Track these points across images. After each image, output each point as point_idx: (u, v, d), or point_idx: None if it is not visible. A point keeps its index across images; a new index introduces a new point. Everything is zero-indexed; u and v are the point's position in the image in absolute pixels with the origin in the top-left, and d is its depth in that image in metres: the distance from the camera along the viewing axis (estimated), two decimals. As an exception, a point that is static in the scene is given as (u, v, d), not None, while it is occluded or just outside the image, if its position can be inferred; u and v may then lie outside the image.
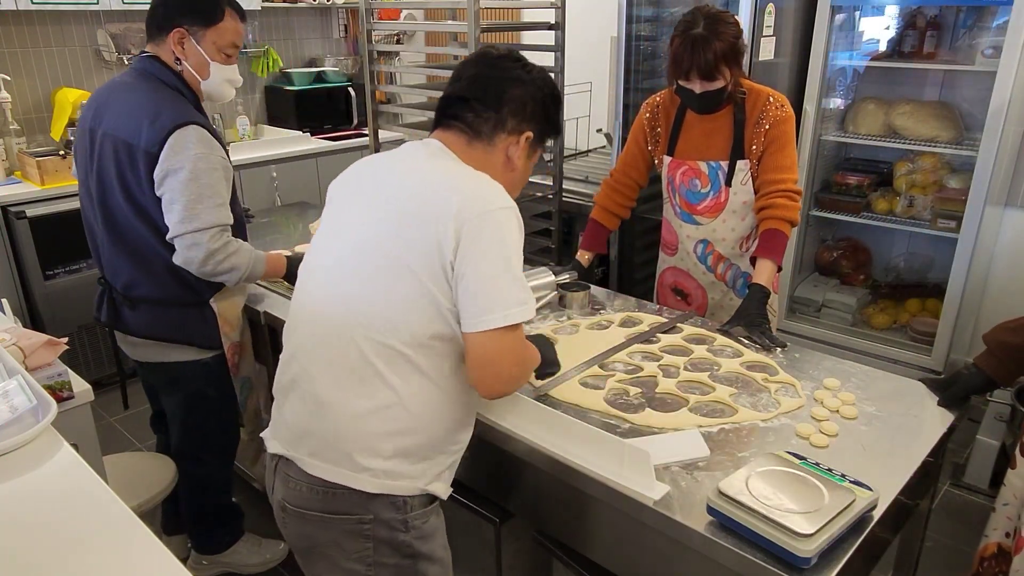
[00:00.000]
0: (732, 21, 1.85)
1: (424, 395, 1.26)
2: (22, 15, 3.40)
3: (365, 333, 1.23)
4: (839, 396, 1.57)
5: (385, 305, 1.22)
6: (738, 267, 2.13)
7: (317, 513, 1.29)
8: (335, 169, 4.52)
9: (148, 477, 2.11)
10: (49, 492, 1.21)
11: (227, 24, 1.79)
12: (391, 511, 1.27)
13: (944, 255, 3.00)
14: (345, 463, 1.25)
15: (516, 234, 1.24)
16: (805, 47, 2.96)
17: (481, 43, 2.76)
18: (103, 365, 3.37)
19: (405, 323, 1.22)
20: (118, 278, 1.89)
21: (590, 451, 1.36)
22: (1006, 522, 1.59)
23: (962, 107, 2.97)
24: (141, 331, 1.92)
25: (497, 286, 1.19)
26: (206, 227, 1.70)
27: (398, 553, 1.30)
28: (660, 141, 2.12)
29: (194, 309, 1.90)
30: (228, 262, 1.75)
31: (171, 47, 1.77)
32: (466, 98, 1.33)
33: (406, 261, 1.21)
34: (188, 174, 1.68)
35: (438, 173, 1.29)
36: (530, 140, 1.37)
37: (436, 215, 1.20)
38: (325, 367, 1.27)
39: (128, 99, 1.78)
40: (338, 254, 1.31)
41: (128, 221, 1.80)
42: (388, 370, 1.23)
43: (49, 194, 3.10)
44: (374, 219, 1.27)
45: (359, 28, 3.76)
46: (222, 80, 1.85)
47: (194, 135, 1.70)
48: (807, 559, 1.09)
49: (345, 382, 1.25)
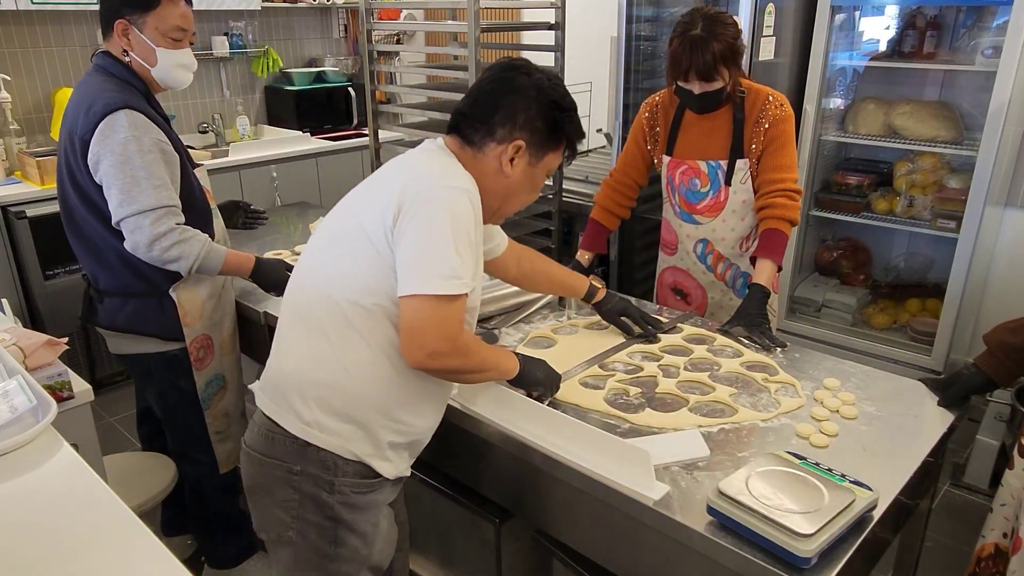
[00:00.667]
0: (730, 22, 1.85)
1: (356, 355, 1.31)
2: (22, 15, 3.40)
3: (316, 285, 1.34)
4: (839, 396, 1.57)
5: (336, 261, 1.33)
6: (738, 267, 2.13)
7: (259, 455, 1.37)
8: (335, 169, 4.52)
9: (148, 477, 2.12)
10: (49, 492, 1.21)
11: (166, 9, 1.79)
12: (318, 468, 1.33)
13: (944, 255, 3.00)
14: (282, 403, 1.35)
15: (460, 214, 1.26)
16: (805, 47, 2.96)
17: (481, 43, 2.77)
18: (103, 365, 3.38)
19: (350, 280, 1.30)
20: (86, 270, 1.94)
21: (590, 451, 1.36)
22: (1004, 522, 1.59)
23: (962, 107, 2.97)
24: (106, 323, 1.94)
25: (425, 256, 1.23)
26: (146, 209, 1.70)
27: (320, 513, 1.35)
28: (659, 141, 2.12)
29: (152, 299, 1.88)
30: (175, 250, 1.74)
31: (117, 40, 1.80)
32: (464, 112, 1.39)
33: (360, 222, 1.31)
34: (118, 157, 1.69)
35: (415, 159, 1.37)
36: (522, 148, 1.36)
37: (390, 186, 1.29)
38: (288, 320, 1.39)
39: (77, 94, 1.83)
40: (327, 234, 1.41)
41: (79, 212, 1.83)
42: (329, 322, 1.31)
43: (49, 194, 3.09)
44: (359, 199, 1.39)
45: (359, 28, 3.76)
46: (172, 65, 1.84)
47: (125, 119, 1.70)
48: (807, 559, 1.09)
49: (296, 329, 1.37)
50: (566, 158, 1.45)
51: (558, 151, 1.42)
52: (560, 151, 1.42)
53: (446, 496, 1.74)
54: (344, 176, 4.12)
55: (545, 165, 1.42)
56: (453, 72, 3.05)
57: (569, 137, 1.41)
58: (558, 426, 1.42)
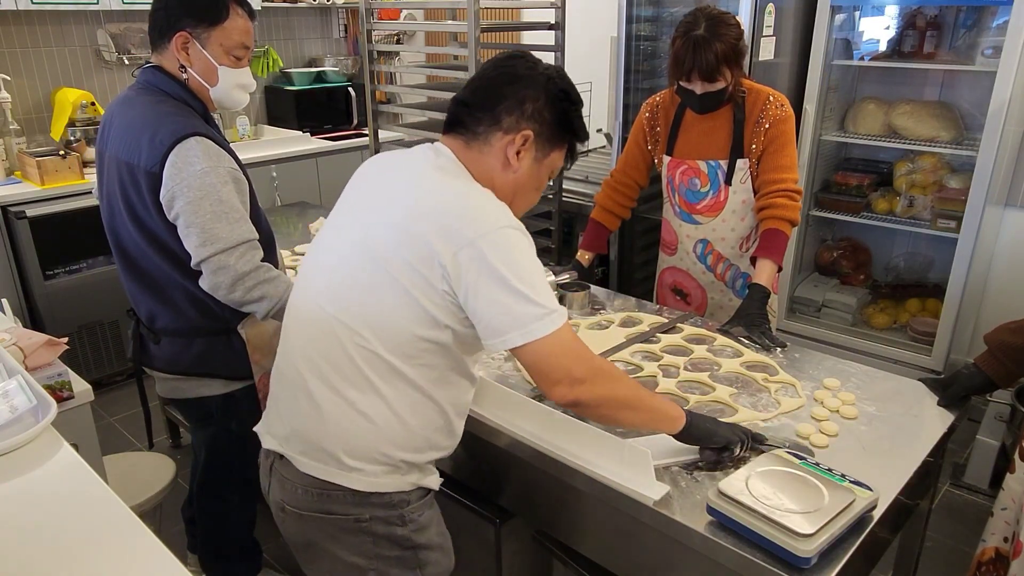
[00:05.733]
0: (733, 23, 1.85)
1: (415, 405, 1.26)
2: (22, 15, 3.40)
3: (355, 340, 1.22)
4: (839, 396, 1.57)
5: (375, 314, 1.21)
6: (737, 267, 2.13)
7: (313, 513, 1.29)
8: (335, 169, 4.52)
9: (148, 477, 2.12)
10: (49, 492, 1.21)
11: (233, 23, 1.64)
12: (387, 509, 1.29)
13: (944, 255, 3.00)
14: (333, 463, 1.26)
15: (520, 251, 1.19)
16: (805, 47, 2.96)
17: (481, 43, 2.77)
18: (103, 365, 3.37)
19: (392, 332, 1.21)
20: (140, 309, 1.78)
21: (590, 451, 1.36)
22: (1004, 527, 1.58)
23: (962, 107, 2.97)
24: (163, 366, 1.79)
25: (507, 310, 1.16)
26: (230, 246, 1.55)
27: (398, 546, 1.32)
28: (660, 141, 2.12)
29: (220, 338, 1.74)
30: (259, 290, 1.59)
31: (175, 54, 1.63)
32: (465, 102, 1.30)
33: (396, 272, 1.19)
34: (197, 192, 1.53)
35: (443, 188, 1.25)
36: (530, 140, 1.28)
37: (431, 232, 1.17)
38: (317, 368, 1.26)
39: (128, 116, 1.65)
40: (338, 254, 1.29)
41: (139, 249, 1.67)
42: (379, 380, 1.23)
43: (49, 194, 3.09)
44: (376, 223, 1.25)
45: (359, 28, 3.76)
46: (233, 85, 1.70)
47: (197, 148, 1.55)
48: (807, 559, 1.09)
49: (338, 386, 1.24)
50: (567, 161, 1.39)
51: (563, 149, 1.35)
52: (564, 149, 1.36)
53: (446, 496, 1.74)
54: (344, 176, 4.08)
55: (550, 163, 1.35)
56: (453, 72, 3.05)
57: (576, 132, 1.35)
58: (558, 426, 1.42)
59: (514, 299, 1.16)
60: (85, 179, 3.21)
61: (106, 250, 1.96)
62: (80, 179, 3.21)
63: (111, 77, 3.75)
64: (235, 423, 1.83)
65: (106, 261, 3.23)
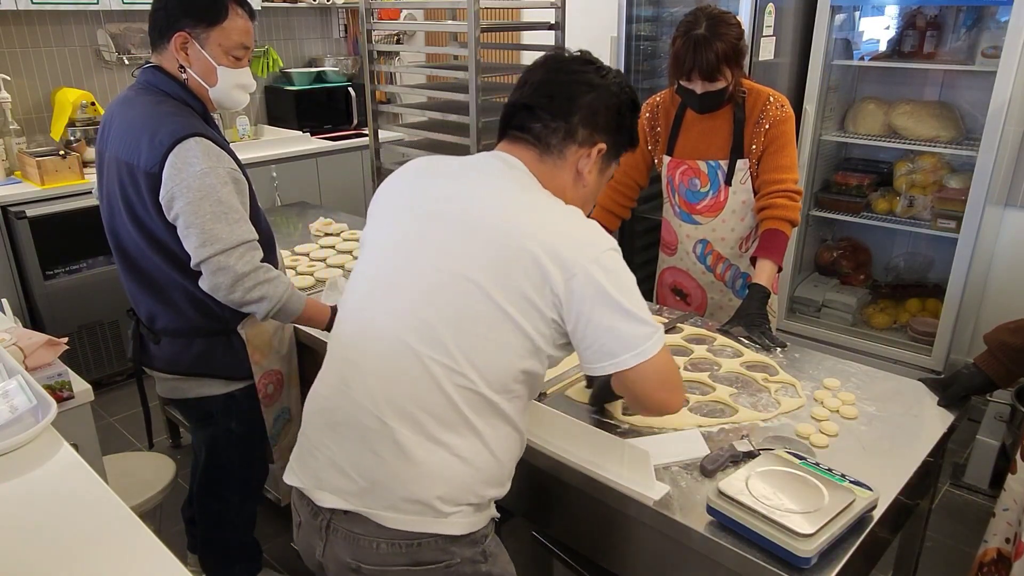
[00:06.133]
0: (734, 22, 1.85)
1: (508, 440, 1.21)
2: (22, 15, 3.40)
3: (455, 380, 1.13)
4: (839, 396, 1.57)
5: (480, 350, 1.13)
6: (737, 267, 2.13)
7: (401, 567, 1.18)
8: (335, 169, 4.51)
9: (148, 477, 2.11)
10: (49, 492, 1.21)
11: (233, 23, 1.64)
12: (472, 548, 1.21)
13: (944, 255, 3.00)
14: (429, 512, 1.16)
15: (625, 270, 1.16)
16: (805, 47, 2.97)
17: (481, 43, 2.77)
18: (103, 365, 3.37)
19: (497, 368, 1.14)
20: (140, 309, 1.78)
21: (590, 451, 1.36)
22: (1006, 527, 1.58)
23: (962, 107, 2.97)
24: (163, 366, 1.79)
25: (621, 333, 1.13)
26: (230, 246, 1.54)
27: None
28: (660, 141, 2.12)
29: (220, 338, 1.75)
30: (259, 290, 1.57)
31: (174, 54, 1.63)
32: (532, 106, 1.22)
33: (504, 302, 1.11)
34: (196, 193, 1.53)
35: (539, 208, 1.18)
36: (603, 153, 1.23)
37: (544, 257, 1.11)
38: (409, 416, 1.15)
39: (128, 116, 1.65)
40: (416, 283, 1.17)
41: (139, 249, 1.67)
42: (478, 420, 1.16)
43: (49, 194, 3.09)
44: (459, 245, 1.16)
45: (359, 28, 3.76)
46: (232, 86, 1.69)
47: (197, 148, 1.54)
48: (807, 559, 1.09)
49: (435, 433, 1.15)
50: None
51: (619, 158, 1.29)
52: (620, 158, 1.30)
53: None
54: (344, 176, 4.12)
55: (609, 174, 1.29)
56: (453, 72, 3.05)
57: (633, 142, 1.29)
58: (558, 426, 1.42)
59: (627, 321, 1.13)
60: (85, 179, 3.21)
61: (106, 250, 1.97)
62: (80, 179, 3.20)
63: (111, 77, 3.75)
64: (235, 423, 1.85)
65: (106, 261, 3.23)
